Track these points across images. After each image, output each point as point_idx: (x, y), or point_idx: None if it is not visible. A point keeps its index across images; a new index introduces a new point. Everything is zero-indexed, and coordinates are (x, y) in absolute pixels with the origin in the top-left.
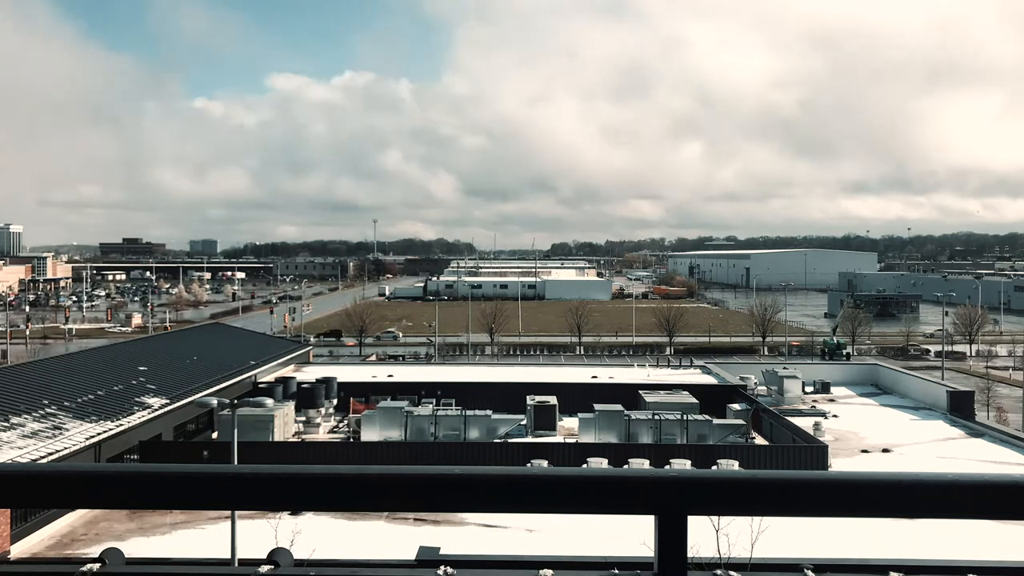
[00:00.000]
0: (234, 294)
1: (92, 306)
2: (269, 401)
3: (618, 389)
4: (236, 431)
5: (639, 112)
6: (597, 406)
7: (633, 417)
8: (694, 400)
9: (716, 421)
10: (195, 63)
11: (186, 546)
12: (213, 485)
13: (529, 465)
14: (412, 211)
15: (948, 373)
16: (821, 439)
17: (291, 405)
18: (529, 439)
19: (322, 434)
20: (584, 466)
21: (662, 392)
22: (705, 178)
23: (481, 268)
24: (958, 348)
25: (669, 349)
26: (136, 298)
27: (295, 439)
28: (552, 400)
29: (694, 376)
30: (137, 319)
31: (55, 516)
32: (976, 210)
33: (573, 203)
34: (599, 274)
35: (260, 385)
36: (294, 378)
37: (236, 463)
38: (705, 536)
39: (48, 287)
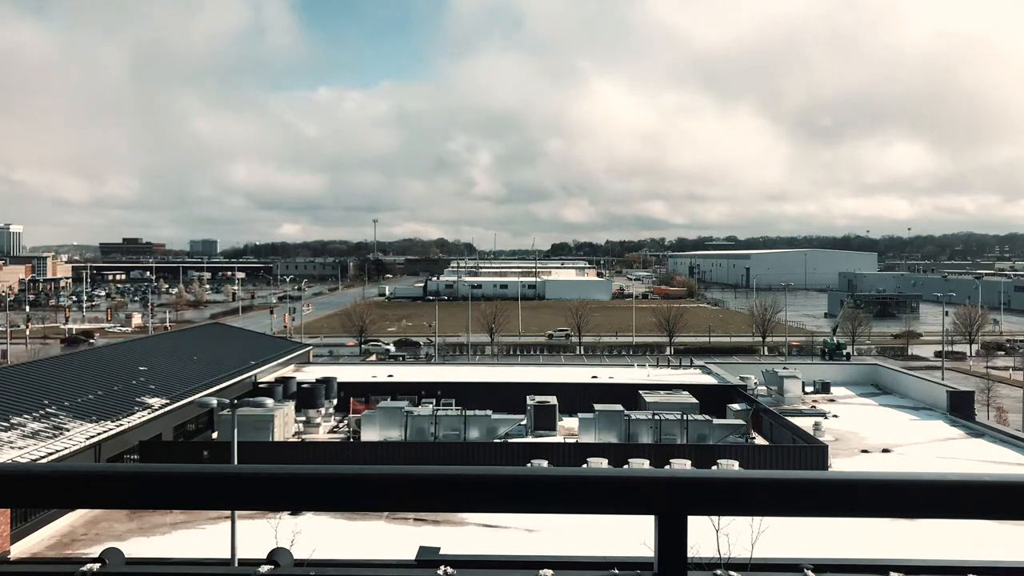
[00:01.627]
0: (234, 294)
1: (92, 306)
2: (269, 401)
3: (618, 389)
4: (236, 431)
5: (636, 107)
6: (597, 406)
7: (633, 417)
8: (694, 400)
9: (716, 421)
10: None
11: (186, 546)
12: (213, 485)
13: (529, 465)
14: (412, 211)
15: (948, 373)
16: (821, 439)
17: (291, 405)
18: (529, 439)
19: (322, 434)
20: (584, 466)
21: (662, 392)
22: (706, 177)
23: (481, 268)
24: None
25: (669, 349)
26: (136, 298)
27: (295, 439)
28: (552, 400)
29: (694, 376)
30: (137, 319)
31: (55, 516)
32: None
33: (574, 203)
34: (599, 274)
35: (260, 385)
36: (294, 378)
37: (236, 463)
38: (705, 536)
39: (48, 287)
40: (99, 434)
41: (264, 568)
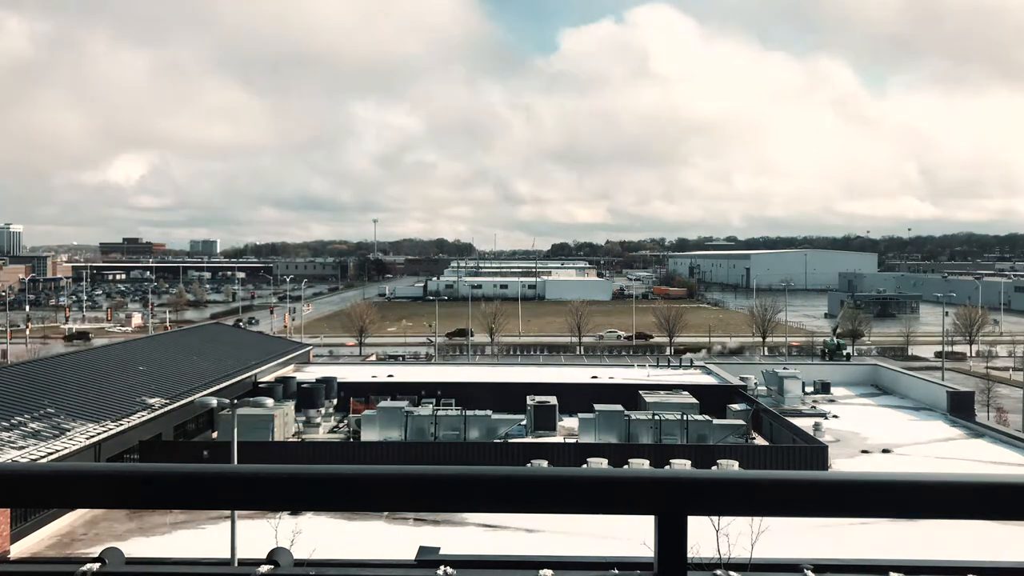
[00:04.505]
0: (234, 294)
1: (92, 306)
2: (269, 401)
3: (618, 389)
4: (236, 431)
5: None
6: (597, 406)
7: (633, 417)
8: (694, 400)
9: (716, 421)
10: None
11: (186, 546)
12: (213, 485)
13: (529, 465)
14: (412, 211)
15: (948, 373)
16: (821, 439)
17: (291, 405)
18: (529, 439)
19: (322, 434)
20: (584, 466)
21: (662, 392)
22: (704, 178)
23: (481, 268)
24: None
25: (669, 349)
26: (136, 298)
27: (295, 439)
28: (552, 400)
29: (694, 376)
30: (137, 319)
31: (55, 516)
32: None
33: (573, 203)
34: (599, 274)
35: (260, 385)
36: (294, 378)
37: (236, 463)
38: (705, 536)
39: (48, 287)
40: (99, 434)
41: (264, 568)
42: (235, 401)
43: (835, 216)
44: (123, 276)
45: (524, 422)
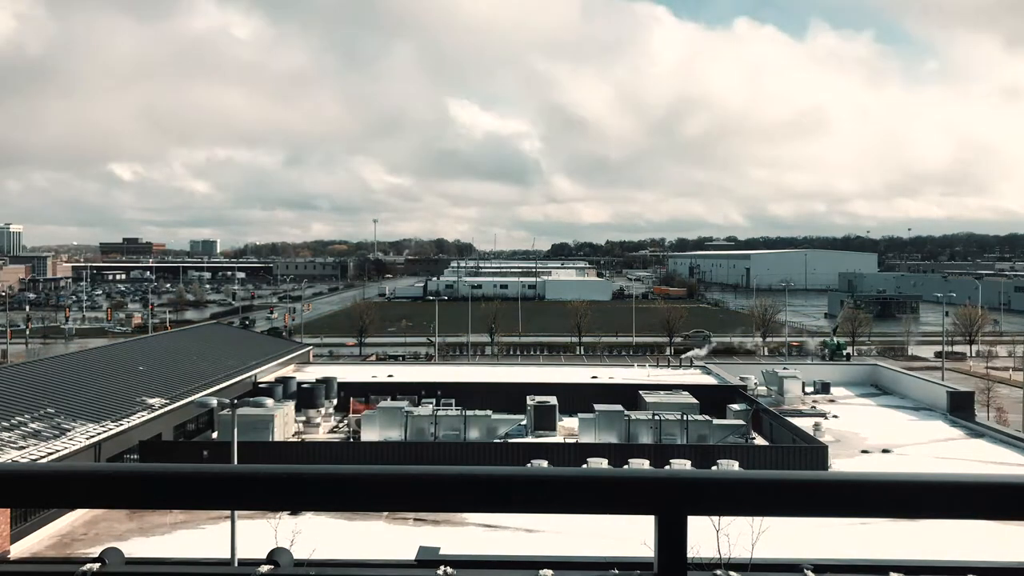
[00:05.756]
0: (234, 294)
1: (92, 306)
2: (269, 401)
3: (618, 389)
4: (236, 431)
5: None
6: (597, 406)
7: (633, 417)
8: (694, 400)
9: (716, 421)
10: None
11: (186, 546)
12: (213, 485)
13: (529, 465)
14: (413, 211)
15: (948, 373)
16: (821, 439)
17: (291, 405)
18: (529, 439)
19: (322, 434)
20: (584, 466)
21: (662, 392)
22: (703, 178)
23: (481, 268)
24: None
25: (669, 349)
26: (136, 298)
27: (295, 439)
28: (552, 400)
29: (694, 376)
30: (137, 319)
31: (55, 516)
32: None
33: (574, 202)
34: (599, 274)
35: (260, 385)
36: (294, 378)
37: (236, 463)
38: (705, 536)
39: (48, 287)
40: (99, 434)
41: (264, 568)
42: (235, 401)
43: (835, 216)
44: (123, 276)
45: (524, 422)
